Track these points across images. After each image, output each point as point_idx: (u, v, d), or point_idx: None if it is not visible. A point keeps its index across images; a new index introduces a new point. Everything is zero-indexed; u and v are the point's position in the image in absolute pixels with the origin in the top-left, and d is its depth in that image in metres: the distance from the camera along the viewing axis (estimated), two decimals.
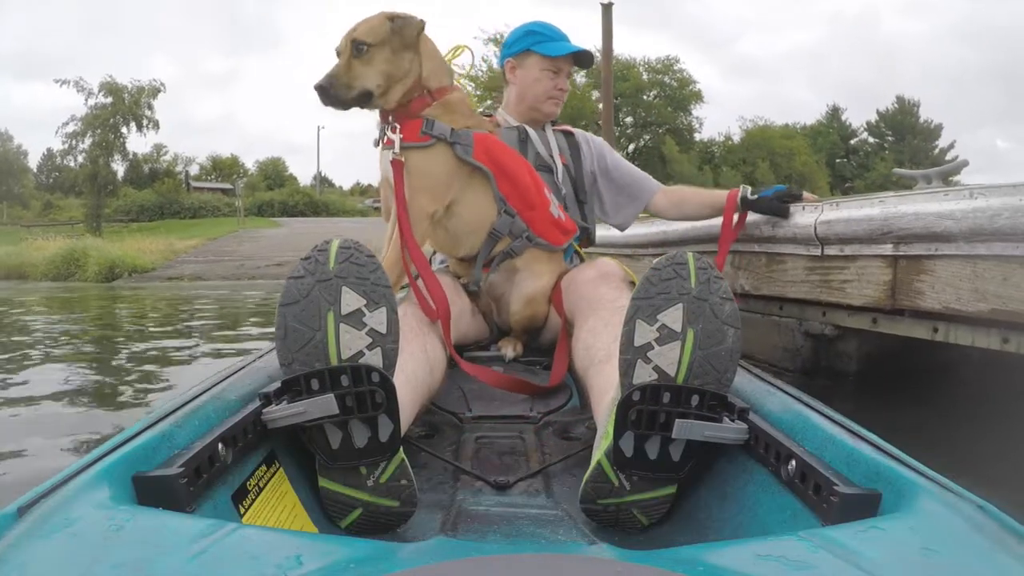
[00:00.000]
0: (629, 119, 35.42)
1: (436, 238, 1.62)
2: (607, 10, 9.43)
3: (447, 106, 1.53)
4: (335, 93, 1.41)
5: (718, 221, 2.02)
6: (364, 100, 1.45)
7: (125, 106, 25.63)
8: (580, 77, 27.10)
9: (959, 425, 1.95)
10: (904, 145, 38.68)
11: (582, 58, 1.98)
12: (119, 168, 28.09)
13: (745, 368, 1.21)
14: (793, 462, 0.85)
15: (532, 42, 1.96)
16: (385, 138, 1.47)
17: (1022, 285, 1.45)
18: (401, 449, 0.92)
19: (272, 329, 0.93)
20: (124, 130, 26.20)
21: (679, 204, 2.12)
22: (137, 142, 36.06)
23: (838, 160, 40.33)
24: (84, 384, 3.29)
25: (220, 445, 0.83)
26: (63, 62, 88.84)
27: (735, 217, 2.00)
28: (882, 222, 1.76)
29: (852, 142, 41.65)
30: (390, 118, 1.48)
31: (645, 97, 34.83)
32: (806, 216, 1.98)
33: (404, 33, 1.44)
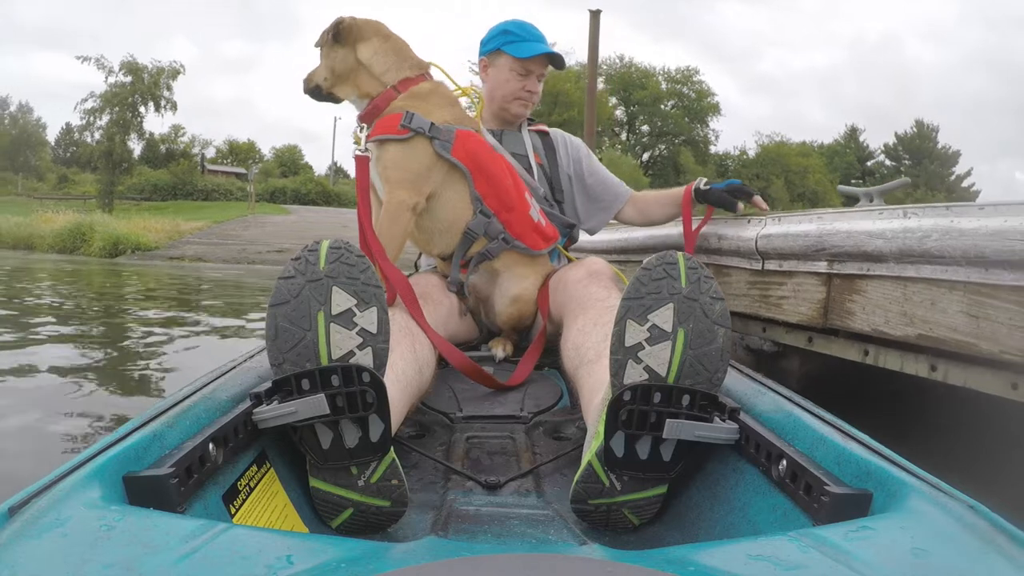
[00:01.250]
0: (645, 127, 35.30)
1: (411, 234, 1.62)
2: (595, 17, 9.30)
3: (417, 96, 1.55)
4: (303, 86, 1.67)
5: (677, 230, 2.01)
6: (318, 92, 1.64)
7: (144, 86, 25.69)
8: (598, 84, 27.16)
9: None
10: (921, 169, 38.60)
11: (556, 60, 1.97)
12: (135, 147, 28.17)
13: (736, 368, 1.21)
14: (784, 462, 0.86)
15: (504, 42, 1.94)
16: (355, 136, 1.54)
17: (949, 311, 1.38)
18: (392, 449, 0.92)
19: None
20: (142, 109, 26.29)
21: (644, 211, 2.12)
22: (154, 122, 36.32)
23: (853, 181, 40.34)
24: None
25: (211, 445, 0.83)
26: (85, 36, 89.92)
27: (697, 212, 2.00)
28: (817, 239, 1.70)
29: (868, 164, 41.62)
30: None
31: (663, 107, 34.66)
32: (749, 229, 1.93)
33: (323, 35, 1.59)
